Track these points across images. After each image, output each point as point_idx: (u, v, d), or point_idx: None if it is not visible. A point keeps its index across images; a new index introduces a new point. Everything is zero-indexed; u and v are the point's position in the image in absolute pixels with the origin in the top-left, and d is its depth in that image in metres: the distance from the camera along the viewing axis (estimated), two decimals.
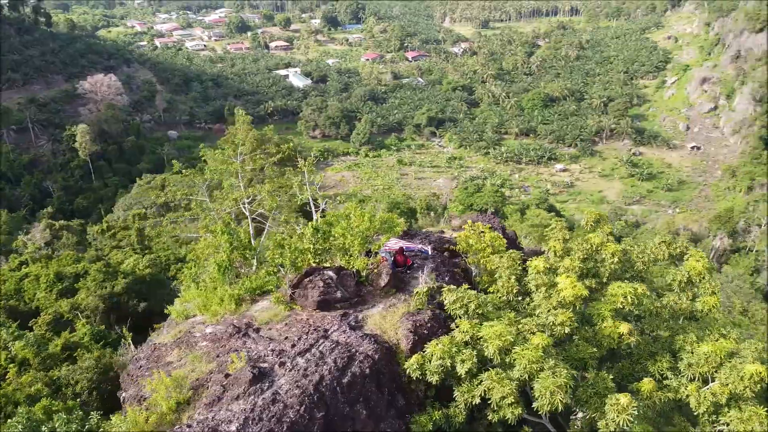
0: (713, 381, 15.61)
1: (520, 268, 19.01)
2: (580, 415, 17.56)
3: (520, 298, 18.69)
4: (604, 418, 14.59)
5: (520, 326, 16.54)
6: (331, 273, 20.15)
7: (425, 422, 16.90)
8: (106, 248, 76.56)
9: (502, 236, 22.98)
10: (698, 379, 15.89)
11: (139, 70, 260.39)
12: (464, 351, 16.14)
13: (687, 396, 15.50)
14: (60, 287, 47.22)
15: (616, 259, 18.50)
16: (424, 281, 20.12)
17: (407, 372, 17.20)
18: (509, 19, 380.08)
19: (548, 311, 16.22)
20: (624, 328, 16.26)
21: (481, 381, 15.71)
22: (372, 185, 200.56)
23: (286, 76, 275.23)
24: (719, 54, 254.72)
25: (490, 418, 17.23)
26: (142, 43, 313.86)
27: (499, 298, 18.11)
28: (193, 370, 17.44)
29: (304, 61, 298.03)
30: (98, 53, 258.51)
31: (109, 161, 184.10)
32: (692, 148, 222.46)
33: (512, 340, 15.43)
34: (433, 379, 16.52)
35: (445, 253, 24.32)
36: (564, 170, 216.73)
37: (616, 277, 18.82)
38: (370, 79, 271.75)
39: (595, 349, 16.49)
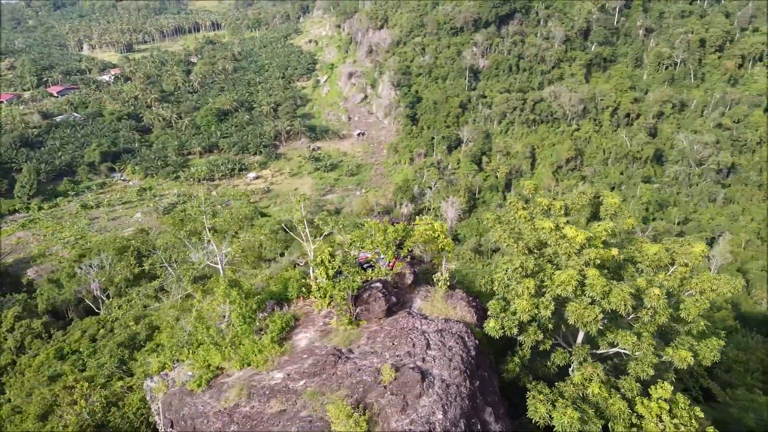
0: (672, 266, 23.61)
1: (516, 235, 24.27)
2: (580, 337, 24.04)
3: (532, 255, 24.01)
4: (643, 308, 21.16)
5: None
6: (378, 284, 22.41)
7: (513, 368, 21.27)
8: None
9: (440, 224, 27.89)
10: (656, 271, 23.69)
11: None
12: (543, 300, 20.91)
13: (662, 281, 23.09)
14: None
15: (562, 212, 25.27)
16: (444, 268, 23.90)
17: (482, 336, 21.13)
18: (153, 40, 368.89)
19: (578, 254, 21.96)
20: (614, 251, 23.03)
21: (571, 310, 20.73)
22: (61, 239, 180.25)
23: None
24: (355, 51, 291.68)
25: (542, 348, 22.53)
26: None
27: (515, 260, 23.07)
28: (323, 404, 18.31)
29: None
30: None
31: None
32: (358, 134, 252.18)
33: (580, 279, 20.80)
34: (513, 331, 20.91)
35: (397, 250, 28.09)
36: (257, 177, 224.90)
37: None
38: (14, 124, 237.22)
39: (605, 270, 22.96)
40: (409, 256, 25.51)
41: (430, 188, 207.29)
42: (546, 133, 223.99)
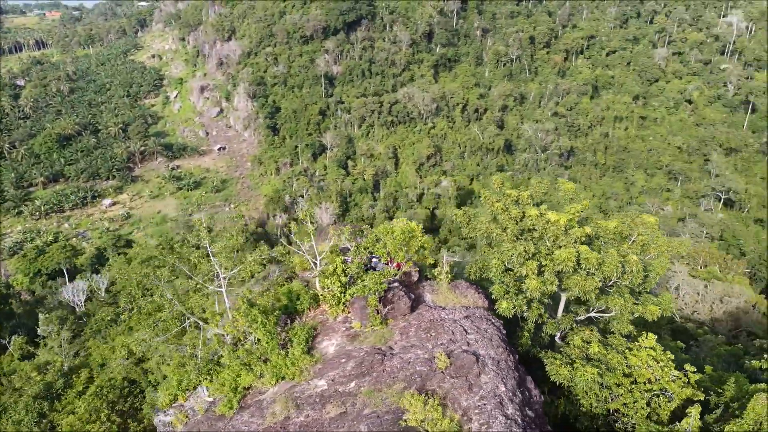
0: (632, 237, 27.57)
1: (500, 226, 26.89)
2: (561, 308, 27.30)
3: (519, 240, 26.67)
4: (625, 274, 24.71)
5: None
6: (397, 284, 23.75)
7: (525, 341, 23.87)
8: None
9: (416, 225, 29.96)
10: (619, 242, 27.59)
11: None
12: (547, 278, 23.61)
13: (626, 249, 26.90)
14: None
15: (529, 200, 28.42)
16: (445, 261, 25.80)
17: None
18: None
19: (564, 235, 24.98)
20: (588, 229, 26.42)
21: (574, 283, 23.65)
22: None
23: None
24: (204, 64, 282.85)
25: (540, 321, 25.44)
26: None
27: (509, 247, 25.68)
28: (384, 399, 19.44)
29: None
30: None
31: None
32: (219, 149, 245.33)
33: (577, 255, 23.77)
34: (523, 308, 23.53)
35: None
36: (114, 204, 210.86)
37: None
38: None
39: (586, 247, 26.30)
40: (415, 256, 27.36)
41: (302, 196, 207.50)
42: (405, 133, 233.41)
